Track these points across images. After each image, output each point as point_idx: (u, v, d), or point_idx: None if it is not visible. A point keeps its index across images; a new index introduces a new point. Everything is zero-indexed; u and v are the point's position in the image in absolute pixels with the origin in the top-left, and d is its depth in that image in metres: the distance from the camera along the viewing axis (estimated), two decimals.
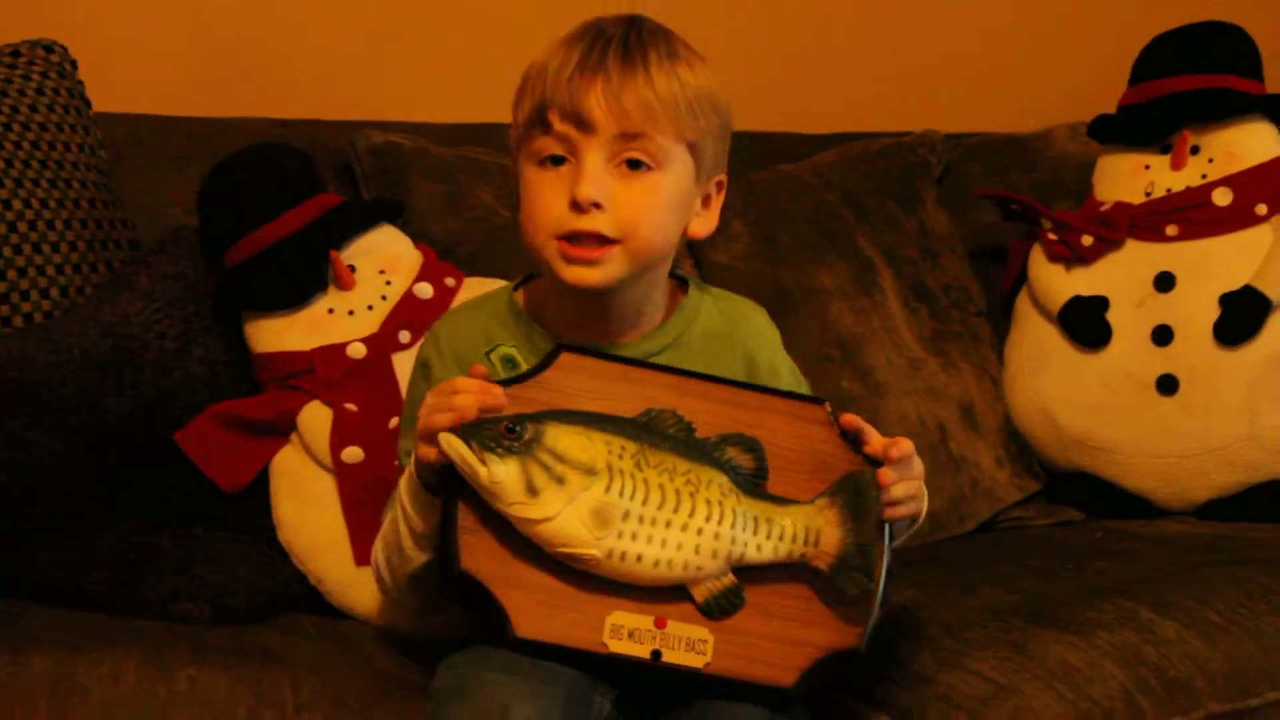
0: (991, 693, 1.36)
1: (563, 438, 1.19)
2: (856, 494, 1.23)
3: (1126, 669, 1.40)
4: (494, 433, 1.18)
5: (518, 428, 1.18)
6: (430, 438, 1.21)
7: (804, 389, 1.39)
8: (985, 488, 1.92)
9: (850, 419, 1.27)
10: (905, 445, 1.26)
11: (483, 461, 1.17)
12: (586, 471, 1.19)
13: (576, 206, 1.25)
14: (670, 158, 1.27)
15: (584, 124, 1.24)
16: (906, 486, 1.26)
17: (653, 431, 1.22)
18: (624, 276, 1.27)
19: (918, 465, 1.28)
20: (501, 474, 1.17)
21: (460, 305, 1.50)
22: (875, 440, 1.26)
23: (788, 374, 1.39)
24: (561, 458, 1.19)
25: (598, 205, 1.25)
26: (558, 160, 1.26)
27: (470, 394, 1.20)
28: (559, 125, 1.25)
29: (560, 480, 1.18)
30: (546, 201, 1.26)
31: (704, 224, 1.34)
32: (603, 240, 1.25)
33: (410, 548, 1.28)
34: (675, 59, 1.27)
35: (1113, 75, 2.04)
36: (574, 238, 1.25)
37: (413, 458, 1.25)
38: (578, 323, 1.32)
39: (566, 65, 1.25)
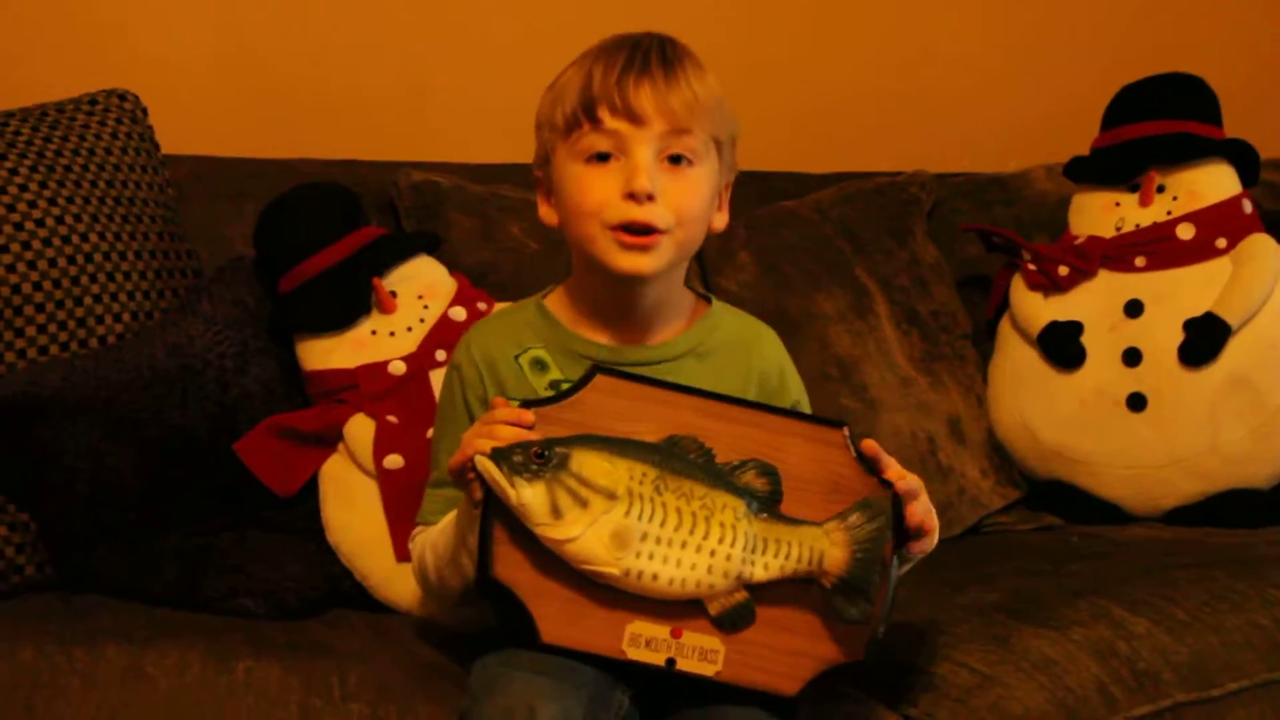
0: (977, 683, 1.36)
1: (588, 463, 1.17)
2: (867, 520, 1.19)
3: (1100, 661, 1.39)
4: (524, 457, 1.16)
5: (546, 452, 1.16)
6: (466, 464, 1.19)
7: (805, 404, 1.37)
8: (971, 495, 1.91)
9: (870, 445, 1.22)
10: (914, 481, 1.22)
11: (512, 484, 1.15)
12: (608, 496, 1.17)
13: (633, 198, 1.23)
14: (705, 154, 1.27)
15: (635, 118, 1.23)
16: (927, 519, 1.22)
17: (674, 457, 1.19)
18: (667, 265, 1.26)
19: (925, 499, 1.24)
20: (528, 496, 1.16)
21: (490, 315, 1.49)
22: (892, 469, 1.22)
23: (795, 386, 1.37)
24: (586, 482, 1.17)
25: (651, 197, 1.23)
26: (603, 157, 1.25)
27: (507, 425, 1.18)
28: (610, 121, 1.24)
29: (584, 503, 1.16)
30: (599, 194, 1.24)
31: (721, 219, 1.33)
32: (655, 230, 1.24)
33: (466, 565, 1.25)
34: (701, 69, 1.28)
35: (1085, 120, 2.04)
36: (630, 227, 1.24)
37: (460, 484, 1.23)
38: (605, 321, 1.31)
39: (612, 69, 1.24)
